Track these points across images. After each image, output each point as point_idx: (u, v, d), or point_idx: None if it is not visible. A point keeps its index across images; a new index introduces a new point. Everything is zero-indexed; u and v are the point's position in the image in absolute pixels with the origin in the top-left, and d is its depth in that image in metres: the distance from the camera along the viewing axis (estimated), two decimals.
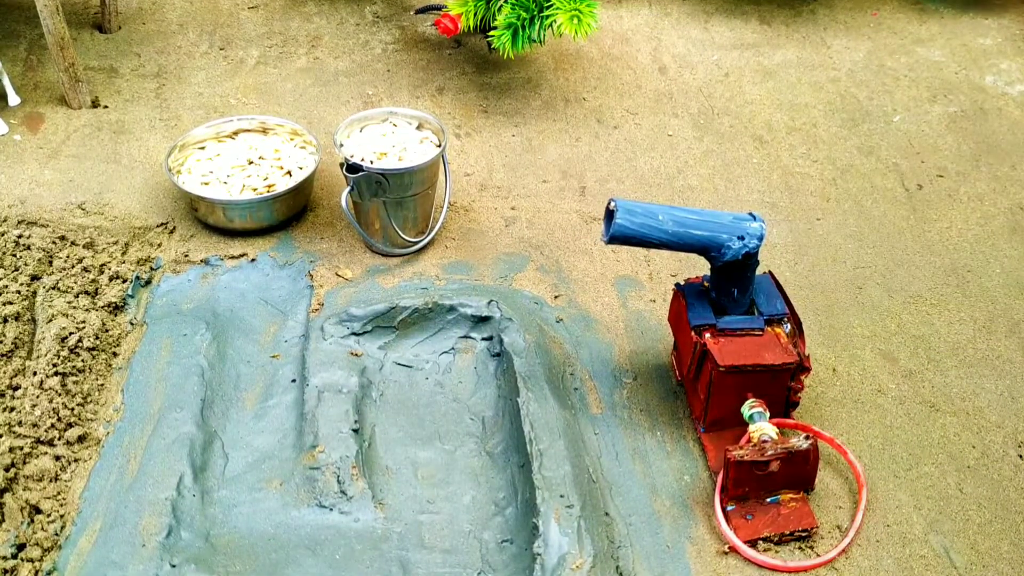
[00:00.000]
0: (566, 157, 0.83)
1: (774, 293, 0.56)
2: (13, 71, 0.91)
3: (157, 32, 0.99)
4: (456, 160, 0.82)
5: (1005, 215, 0.78)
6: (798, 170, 0.83)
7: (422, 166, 0.68)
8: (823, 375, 0.63)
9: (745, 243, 0.50)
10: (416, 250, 0.73)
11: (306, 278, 0.71)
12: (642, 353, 0.64)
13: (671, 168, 0.83)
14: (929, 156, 0.85)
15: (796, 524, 0.52)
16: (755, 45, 1.00)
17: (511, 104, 0.90)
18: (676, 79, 0.94)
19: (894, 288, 0.71)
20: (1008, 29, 1.04)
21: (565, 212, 0.77)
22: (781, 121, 0.89)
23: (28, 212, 0.75)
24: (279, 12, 1.03)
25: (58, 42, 0.83)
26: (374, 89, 0.91)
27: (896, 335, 0.66)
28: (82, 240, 0.71)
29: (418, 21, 1.02)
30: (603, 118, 0.88)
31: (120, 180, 0.79)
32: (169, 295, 0.69)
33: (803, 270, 0.72)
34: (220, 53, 0.96)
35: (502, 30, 0.83)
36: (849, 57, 0.98)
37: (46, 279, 0.68)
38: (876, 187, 0.81)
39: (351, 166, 0.67)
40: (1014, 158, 0.85)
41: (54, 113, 0.86)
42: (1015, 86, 0.94)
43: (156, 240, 0.74)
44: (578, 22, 0.81)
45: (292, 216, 0.75)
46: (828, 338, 0.66)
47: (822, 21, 1.04)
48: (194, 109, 0.88)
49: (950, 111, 0.91)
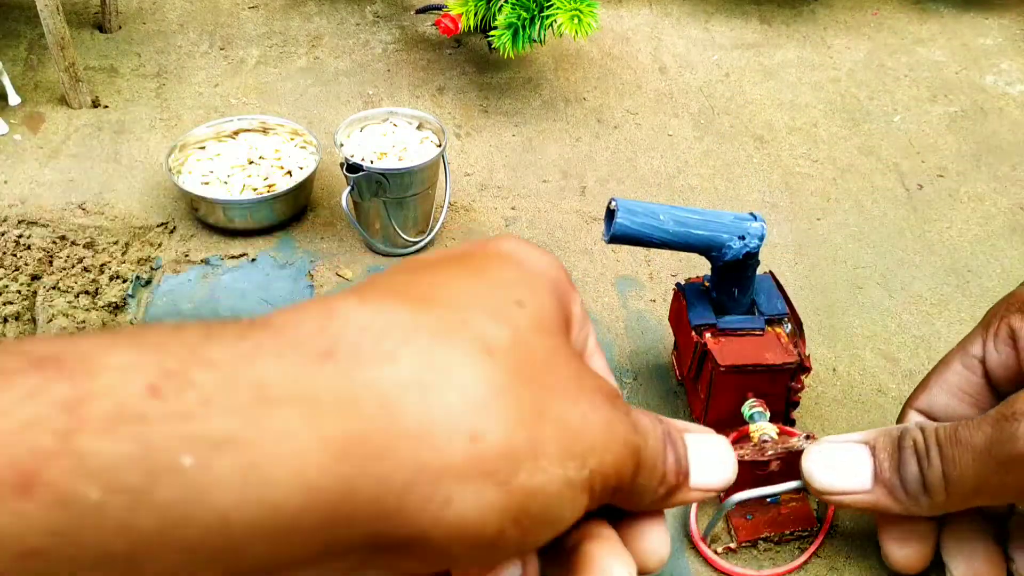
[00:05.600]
0: (566, 157, 0.83)
1: (775, 293, 0.55)
2: (13, 71, 0.91)
3: (157, 32, 0.99)
4: (456, 160, 0.82)
5: (1005, 215, 0.78)
6: (798, 170, 0.83)
7: (422, 166, 0.68)
8: (823, 375, 0.63)
9: (746, 243, 0.50)
10: (416, 250, 0.73)
11: (306, 278, 0.71)
12: (642, 353, 0.64)
13: (671, 168, 0.82)
14: (929, 156, 0.85)
15: (796, 524, 0.52)
16: (755, 45, 1.00)
17: (511, 104, 0.90)
18: (676, 79, 0.94)
19: (894, 288, 0.70)
20: (1008, 29, 1.04)
21: (565, 212, 0.77)
22: (781, 121, 0.89)
23: (28, 212, 0.75)
24: (279, 12, 1.03)
25: (58, 42, 0.83)
26: (374, 89, 0.91)
27: (896, 335, 0.66)
28: (82, 240, 0.71)
29: (418, 21, 1.02)
30: (603, 118, 0.88)
31: (120, 180, 0.79)
32: (169, 295, 0.69)
33: (803, 270, 0.72)
34: (220, 53, 0.96)
35: (502, 30, 0.83)
36: (849, 57, 0.98)
37: (46, 279, 0.68)
38: (876, 187, 0.81)
39: (351, 166, 0.67)
40: (1014, 158, 0.85)
41: (54, 113, 0.86)
42: (1015, 86, 0.94)
43: (156, 240, 0.73)
44: (578, 22, 0.81)
45: (292, 216, 0.75)
46: (828, 338, 0.66)
47: (822, 21, 1.04)
48: (194, 109, 0.88)
49: (950, 111, 0.91)
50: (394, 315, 0.23)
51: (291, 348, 0.22)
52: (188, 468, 0.19)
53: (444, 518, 0.22)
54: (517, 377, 0.24)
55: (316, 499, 0.21)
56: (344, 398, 0.21)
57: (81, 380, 0.19)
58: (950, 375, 0.49)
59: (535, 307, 0.26)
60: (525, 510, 0.23)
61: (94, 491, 0.19)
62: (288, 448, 0.20)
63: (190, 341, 0.21)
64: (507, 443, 0.23)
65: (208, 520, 0.19)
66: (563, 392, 0.25)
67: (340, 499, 0.21)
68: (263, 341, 0.22)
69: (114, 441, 0.19)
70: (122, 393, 0.19)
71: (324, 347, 0.22)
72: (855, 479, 0.45)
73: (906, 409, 0.50)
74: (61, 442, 0.18)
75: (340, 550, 0.22)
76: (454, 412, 0.22)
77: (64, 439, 0.18)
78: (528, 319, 0.25)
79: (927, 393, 0.50)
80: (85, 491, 0.18)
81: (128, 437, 0.19)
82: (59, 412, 0.19)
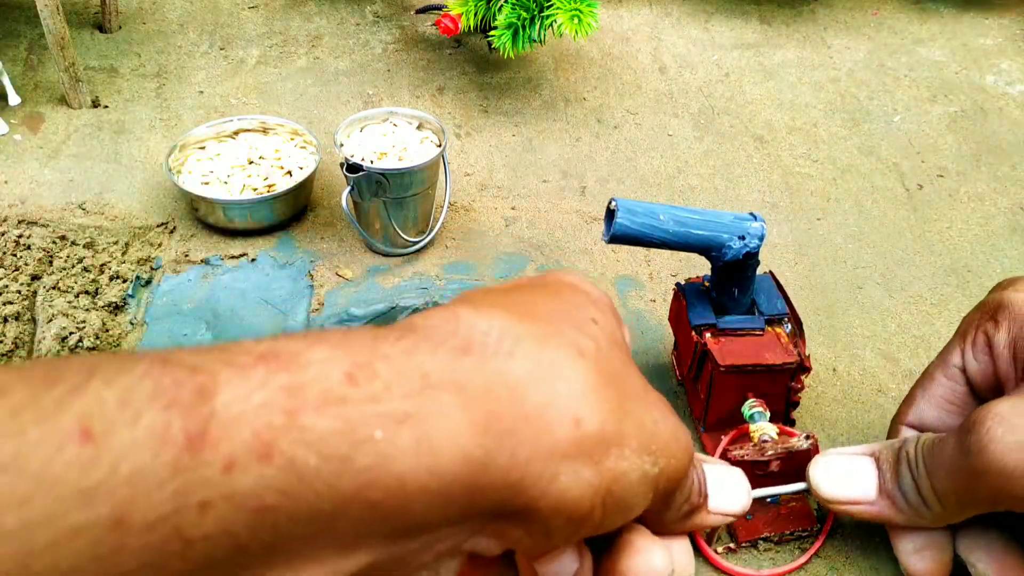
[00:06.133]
0: (566, 157, 0.83)
1: (775, 293, 0.55)
2: (13, 71, 0.91)
3: (157, 32, 0.99)
4: (456, 160, 0.82)
5: (1005, 215, 0.78)
6: (798, 170, 0.83)
7: (422, 166, 0.68)
8: (823, 375, 0.63)
9: (746, 243, 0.50)
10: (416, 250, 0.73)
11: (306, 278, 0.71)
12: (642, 353, 0.64)
13: (671, 168, 0.82)
14: (929, 156, 0.85)
15: (796, 524, 0.52)
16: (755, 45, 1.00)
17: (511, 104, 0.90)
18: (676, 79, 0.94)
19: (894, 288, 0.70)
20: (1008, 29, 1.04)
21: (565, 212, 0.77)
22: (781, 121, 0.89)
23: (28, 212, 0.75)
24: (279, 12, 1.03)
25: (58, 42, 0.83)
26: (374, 89, 0.91)
27: (896, 335, 0.66)
28: (82, 240, 0.71)
29: (418, 21, 1.02)
30: (603, 118, 0.88)
31: (120, 180, 0.79)
32: (169, 295, 0.69)
33: (803, 270, 0.72)
34: (220, 53, 0.96)
35: (502, 30, 0.83)
36: (849, 57, 0.98)
37: (46, 279, 0.68)
38: (876, 187, 0.81)
39: (351, 166, 0.67)
40: (1014, 158, 0.85)
41: (54, 113, 0.86)
42: (1015, 86, 0.94)
43: (156, 240, 0.73)
44: (578, 22, 0.81)
45: (292, 216, 0.75)
46: (828, 338, 0.66)
47: (822, 21, 1.04)
48: (194, 109, 0.88)
49: (950, 111, 0.91)
50: (505, 322, 0.28)
51: (438, 345, 0.26)
52: (379, 440, 0.24)
53: (551, 492, 0.26)
54: (604, 378, 0.28)
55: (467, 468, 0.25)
56: (482, 385, 0.26)
57: (296, 371, 0.24)
58: (935, 387, 0.49)
59: (605, 325, 0.30)
60: (611, 492, 0.27)
61: (313, 458, 0.23)
62: (448, 424, 0.25)
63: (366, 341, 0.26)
64: (601, 429, 0.27)
65: (390, 483, 0.24)
66: (637, 398, 0.29)
67: (482, 469, 0.25)
68: (417, 340, 0.26)
69: (326, 418, 0.23)
70: (327, 381, 0.24)
71: (461, 345, 0.26)
72: (859, 490, 0.46)
73: (896, 426, 0.50)
74: (288, 419, 0.23)
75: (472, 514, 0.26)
76: (562, 400, 0.26)
77: (290, 417, 0.23)
78: (603, 334, 0.30)
79: (915, 408, 0.50)
80: (307, 458, 0.23)
81: (335, 415, 0.23)
82: (285, 396, 0.23)
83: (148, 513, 0.21)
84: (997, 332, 0.46)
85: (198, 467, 0.21)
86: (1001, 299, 0.46)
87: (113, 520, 0.20)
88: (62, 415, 0.21)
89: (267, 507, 0.22)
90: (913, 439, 0.45)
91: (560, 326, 0.29)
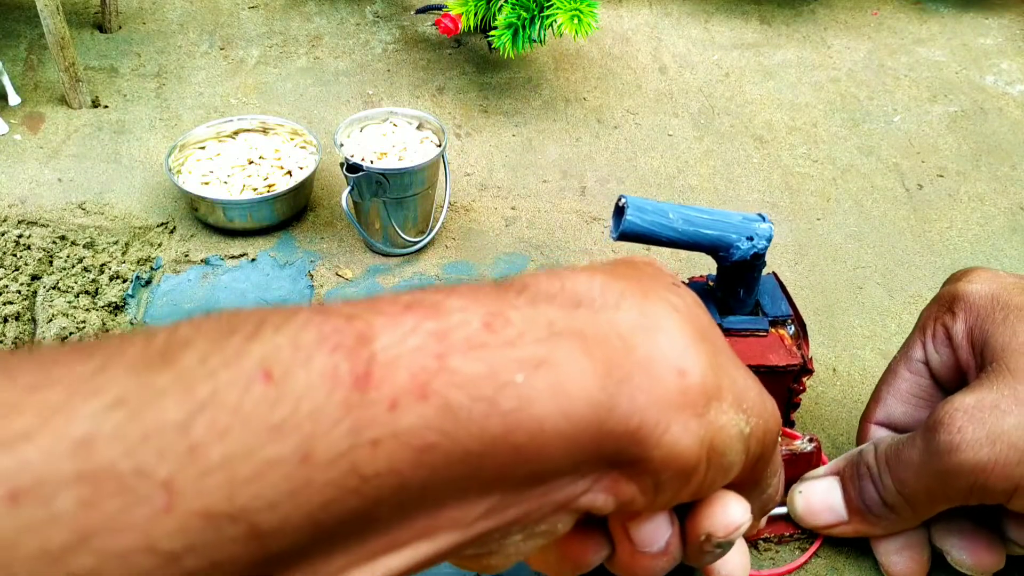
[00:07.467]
0: (566, 157, 0.83)
1: (778, 295, 0.55)
2: (13, 71, 0.91)
3: (157, 32, 0.99)
4: (456, 160, 0.82)
5: (1005, 215, 0.78)
6: (798, 170, 0.83)
7: (422, 166, 0.68)
8: (823, 375, 0.63)
9: (754, 244, 0.50)
10: (416, 250, 0.73)
11: (306, 278, 0.71)
12: None
13: (671, 168, 0.82)
14: (929, 156, 0.85)
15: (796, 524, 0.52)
16: (755, 45, 1.00)
17: (511, 104, 0.90)
18: (676, 79, 0.94)
19: (894, 288, 0.71)
20: (1008, 29, 1.04)
21: (565, 212, 0.77)
22: (781, 121, 0.89)
23: (28, 212, 0.74)
24: (279, 12, 1.03)
25: (58, 42, 0.83)
26: (374, 89, 0.91)
27: (896, 335, 0.66)
28: (82, 240, 0.71)
29: (418, 21, 1.02)
30: (603, 118, 0.88)
31: (120, 180, 0.79)
32: (169, 295, 0.69)
33: (803, 270, 0.72)
34: (220, 53, 0.96)
35: (502, 30, 0.83)
36: (849, 57, 0.98)
37: (46, 279, 0.68)
38: (876, 187, 0.81)
39: (351, 166, 0.67)
40: (1014, 158, 0.85)
41: (54, 113, 0.86)
42: (1015, 86, 0.94)
43: (156, 240, 0.73)
44: (578, 22, 0.81)
45: (292, 216, 0.75)
46: (828, 338, 0.66)
47: (822, 21, 1.04)
48: (194, 109, 0.87)
49: (950, 111, 0.91)
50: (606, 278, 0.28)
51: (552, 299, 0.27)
52: (520, 384, 0.24)
53: (664, 442, 0.27)
54: (698, 333, 0.28)
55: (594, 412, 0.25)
56: (598, 333, 0.26)
57: (441, 318, 0.25)
58: (900, 383, 0.50)
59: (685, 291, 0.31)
60: (713, 446, 0.28)
61: (464, 399, 0.24)
62: (577, 369, 0.25)
63: (493, 293, 0.27)
64: (703, 381, 0.27)
65: (531, 427, 0.24)
66: (727, 356, 0.30)
67: (607, 414, 0.26)
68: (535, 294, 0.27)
69: (472, 361, 0.24)
70: (469, 328, 0.25)
71: (570, 299, 0.27)
72: (832, 514, 0.48)
73: (865, 425, 0.51)
74: (439, 362, 0.24)
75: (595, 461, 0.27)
76: (667, 351, 0.27)
77: (440, 359, 0.24)
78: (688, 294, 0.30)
79: (882, 405, 0.50)
80: (459, 399, 0.24)
81: (479, 359, 0.24)
82: (434, 341, 0.24)
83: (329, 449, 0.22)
84: (955, 323, 0.46)
85: (367, 406, 0.22)
86: (956, 291, 0.47)
87: (301, 455, 0.21)
88: (245, 359, 0.22)
89: (428, 445, 0.23)
90: (870, 449, 0.46)
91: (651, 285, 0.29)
